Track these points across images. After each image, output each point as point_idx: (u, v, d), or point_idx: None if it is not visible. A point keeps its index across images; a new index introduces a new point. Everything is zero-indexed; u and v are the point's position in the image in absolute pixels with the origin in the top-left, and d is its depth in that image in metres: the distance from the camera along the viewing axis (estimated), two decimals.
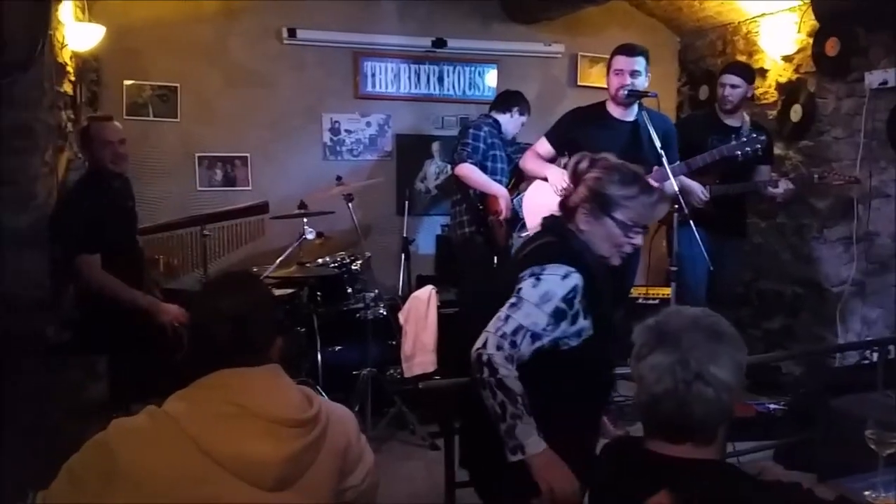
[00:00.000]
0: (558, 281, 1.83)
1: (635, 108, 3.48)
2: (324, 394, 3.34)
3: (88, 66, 4.11)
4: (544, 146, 3.61)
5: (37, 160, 2.94)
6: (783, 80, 4.53)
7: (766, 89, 4.66)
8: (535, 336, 1.82)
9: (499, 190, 4.00)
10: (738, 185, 3.95)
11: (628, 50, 3.46)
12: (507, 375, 1.76)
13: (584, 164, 2.02)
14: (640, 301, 4.68)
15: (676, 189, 3.21)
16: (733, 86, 3.97)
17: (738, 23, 4.84)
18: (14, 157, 2.86)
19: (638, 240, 1.96)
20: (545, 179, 3.51)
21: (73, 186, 3.38)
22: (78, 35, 3.51)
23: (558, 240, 1.97)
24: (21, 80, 2.68)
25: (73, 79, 3.58)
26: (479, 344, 1.83)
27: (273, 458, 1.35)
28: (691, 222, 3.19)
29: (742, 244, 4.30)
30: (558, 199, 3.14)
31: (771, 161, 4.21)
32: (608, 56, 5.31)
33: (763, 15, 4.60)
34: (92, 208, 3.05)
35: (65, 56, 3.42)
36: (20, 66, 2.52)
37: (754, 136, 3.42)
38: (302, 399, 1.47)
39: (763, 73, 4.65)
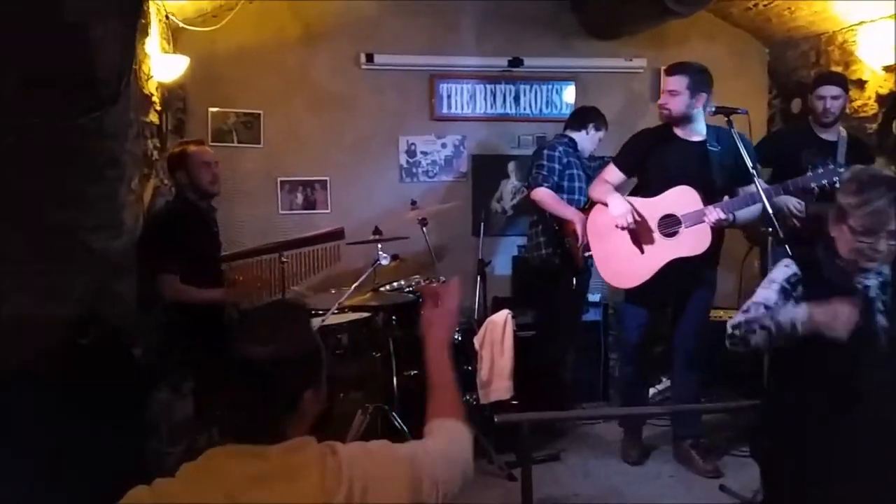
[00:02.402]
0: (781, 268, 2.26)
1: (702, 127, 3.37)
2: (399, 420, 3.30)
3: (175, 94, 4.26)
4: (613, 173, 3.57)
5: (123, 188, 3.05)
6: (884, 91, 4.24)
7: (865, 101, 4.38)
8: (767, 307, 2.18)
9: (574, 214, 3.89)
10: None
11: (668, 68, 3.40)
12: (736, 324, 2.18)
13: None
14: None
15: (768, 209, 3.03)
16: (834, 97, 3.74)
17: (833, 32, 4.58)
18: (103, 185, 2.96)
19: (881, 245, 2.05)
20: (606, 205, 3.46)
21: (160, 209, 3.50)
22: (163, 66, 3.64)
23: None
24: (108, 112, 2.77)
25: (158, 108, 3.71)
26: None
27: None
28: (787, 246, 2.98)
29: None
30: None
31: None
32: None
33: (861, 23, 4.33)
34: (177, 230, 3.17)
35: (150, 87, 3.54)
36: (109, 101, 2.61)
37: (832, 167, 3.12)
38: (319, 487, 1.24)
39: (861, 84, 4.38)
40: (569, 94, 5.04)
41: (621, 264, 3.47)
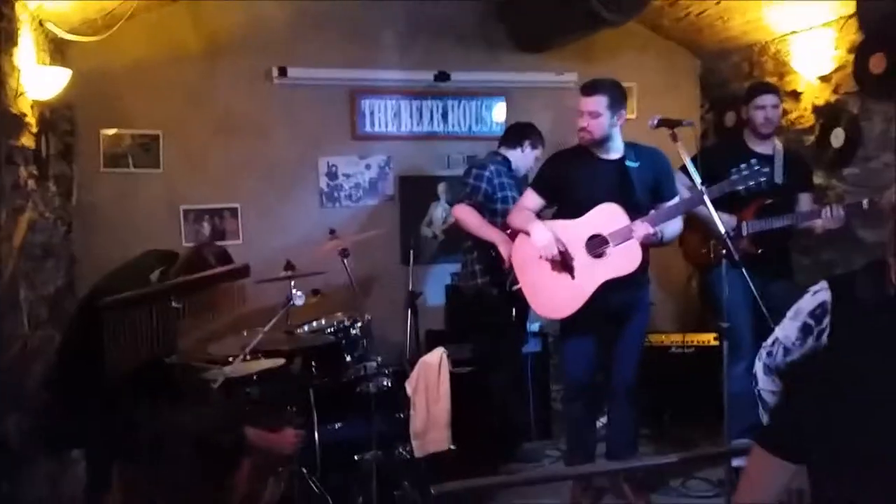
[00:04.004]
0: (809, 297, 1.90)
1: (620, 146, 3.23)
2: (317, 484, 2.88)
3: (60, 114, 3.75)
4: (532, 199, 3.35)
5: None
6: (820, 102, 4.12)
7: (802, 113, 4.25)
8: (786, 350, 1.96)
9: (498, 236, 3.59)
10: (777, 220, 3.55)
11: (585, 88, 3.22)
12: (763, 388, 2.04)
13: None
14: (673, 350, 4.22)
15: (719, 226, 2.88)
16: (774, 106, 3.64)
17: (766, 42, 4.46)
18: None
19: None
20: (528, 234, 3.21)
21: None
22: (38, 81, 3.14)
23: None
24: None
25: (34, 130, 3.21)
26: None
27: None
28: (743, 269, 2.78)
29: (789, 285, 3.85)
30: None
31: (811, 189, 3.82)
32: (623, 83, 5.00)
33: (794, 32, 4.22)
34: None
35: (22, 105, 3.05)
36: None
37: (757, 168, 3.02)
38: None
39: (796, 95, 4.26)
40: (499, 110, 4.77)
41: (553, 294, 3.20)
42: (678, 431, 4.03)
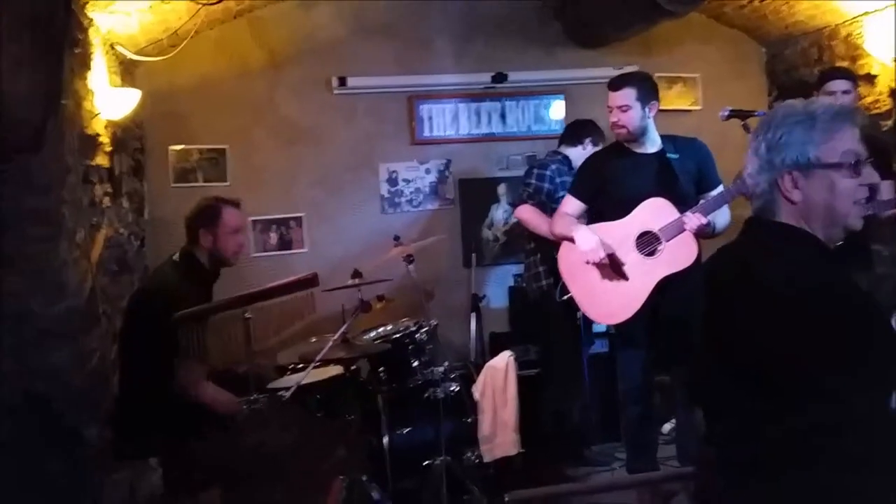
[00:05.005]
0: None
1: (657, 138, 3.13)
2: (378, 491, 2.88)
3: (130, 133, 3.89)
4: (572, 204, 3.27)
5: (64, 245, 2.66)
6: None
7: (877, 97, 4.07)
8: None
9: None
10: None
11: (611, 84, 3.11)
12: None
13: None
14: None
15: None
16: (845, 91, 3.48)
17: (836, 25, 4.29)
18: (37, 243, 2.58)
19: None
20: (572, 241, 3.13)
21: (171, 276, 2.88)
22: (111, 102, 3.27)
23: None
24: (37, 160, 2.40)
25: (108, 149, 3.33)
26: None
27: None
28: None
29: (868, 277, 3.68)
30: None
31: (892, 176, 3.64)
32: (686, 75, 4.87)
33: (866, 14, 4.04)
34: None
35: (96, 126, 3.17)
36: (28, 148, 2.23)
37: None
38: None
39: (871, 79, 4.07)
40: (558, 108, 4.71)
41: (609, 299, 3.09)
42: None
